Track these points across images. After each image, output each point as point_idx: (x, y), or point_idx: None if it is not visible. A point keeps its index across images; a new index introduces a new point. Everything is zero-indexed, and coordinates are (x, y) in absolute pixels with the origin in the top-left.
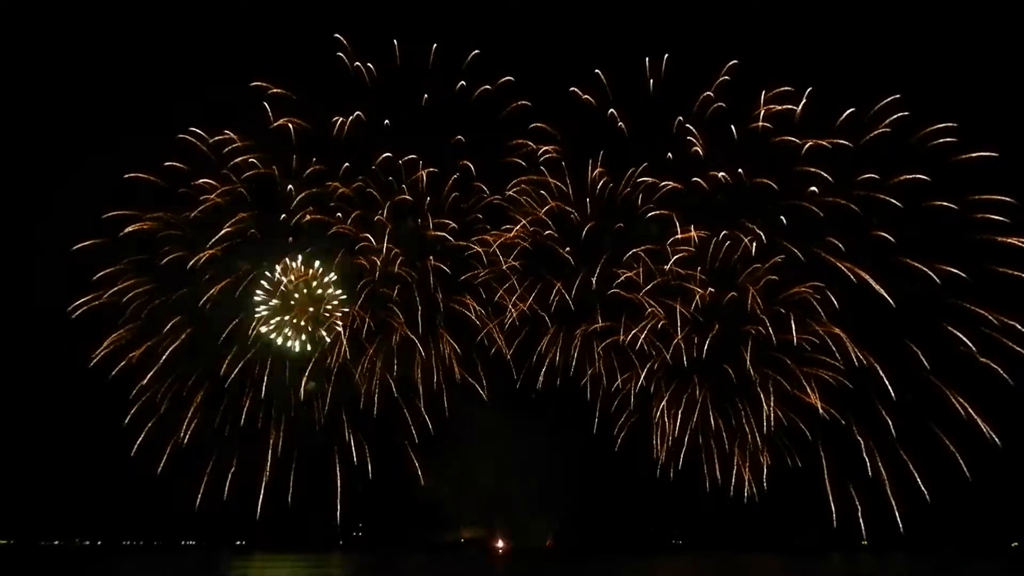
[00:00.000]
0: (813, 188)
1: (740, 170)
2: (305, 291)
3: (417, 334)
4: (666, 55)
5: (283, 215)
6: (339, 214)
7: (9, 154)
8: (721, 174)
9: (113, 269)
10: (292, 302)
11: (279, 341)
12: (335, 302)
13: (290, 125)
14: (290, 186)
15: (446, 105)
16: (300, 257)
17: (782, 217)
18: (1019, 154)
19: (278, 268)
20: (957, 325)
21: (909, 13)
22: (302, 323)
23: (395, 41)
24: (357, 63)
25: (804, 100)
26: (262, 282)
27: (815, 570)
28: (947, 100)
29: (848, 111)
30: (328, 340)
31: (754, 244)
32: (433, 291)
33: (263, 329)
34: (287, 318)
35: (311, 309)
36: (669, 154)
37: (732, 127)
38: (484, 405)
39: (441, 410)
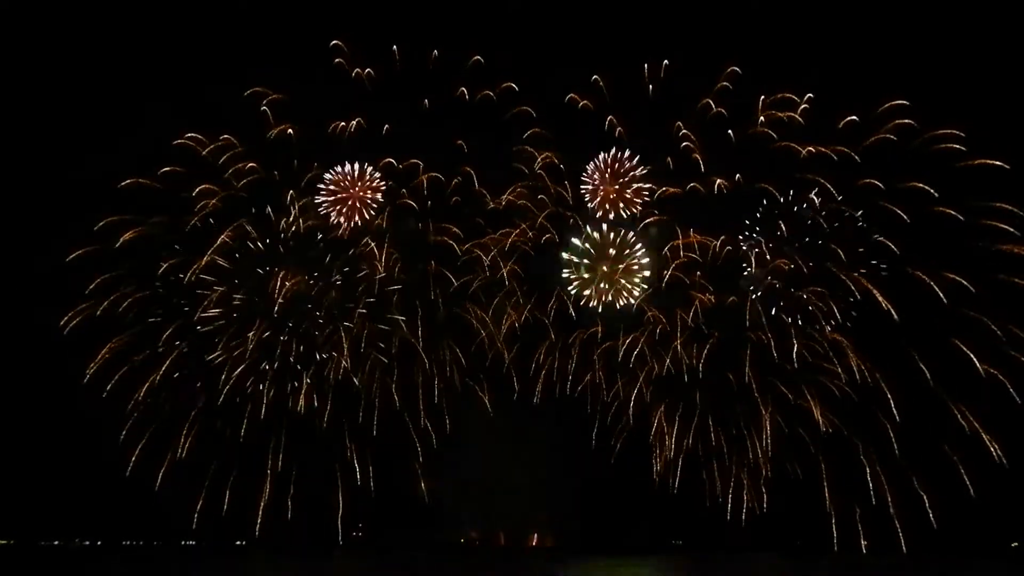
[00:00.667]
0: (813, 195)
1: (739, 176)
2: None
3: (417, 339)
4: (665, 60)
5: (283, 220)
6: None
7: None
8: (720, 180)
9: (108, 277)
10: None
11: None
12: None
13: (290, 130)
14: (291, 191)
15: (446, 110)
16: None
17: (782, 223)
18: None
19: None
20: (962, 336)
21: (913, 15)
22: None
23: (395, 46)
24: (357, 68)
25: (805, 105)
26: None
27: (815, 570)
28: (953, 105)
29: (850, 117)
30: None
31: (754, 251)
32: (434, 296)
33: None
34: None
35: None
36: (668, 159)
37: (731, 133)
38: (484, 410)
39: (441, 414)
